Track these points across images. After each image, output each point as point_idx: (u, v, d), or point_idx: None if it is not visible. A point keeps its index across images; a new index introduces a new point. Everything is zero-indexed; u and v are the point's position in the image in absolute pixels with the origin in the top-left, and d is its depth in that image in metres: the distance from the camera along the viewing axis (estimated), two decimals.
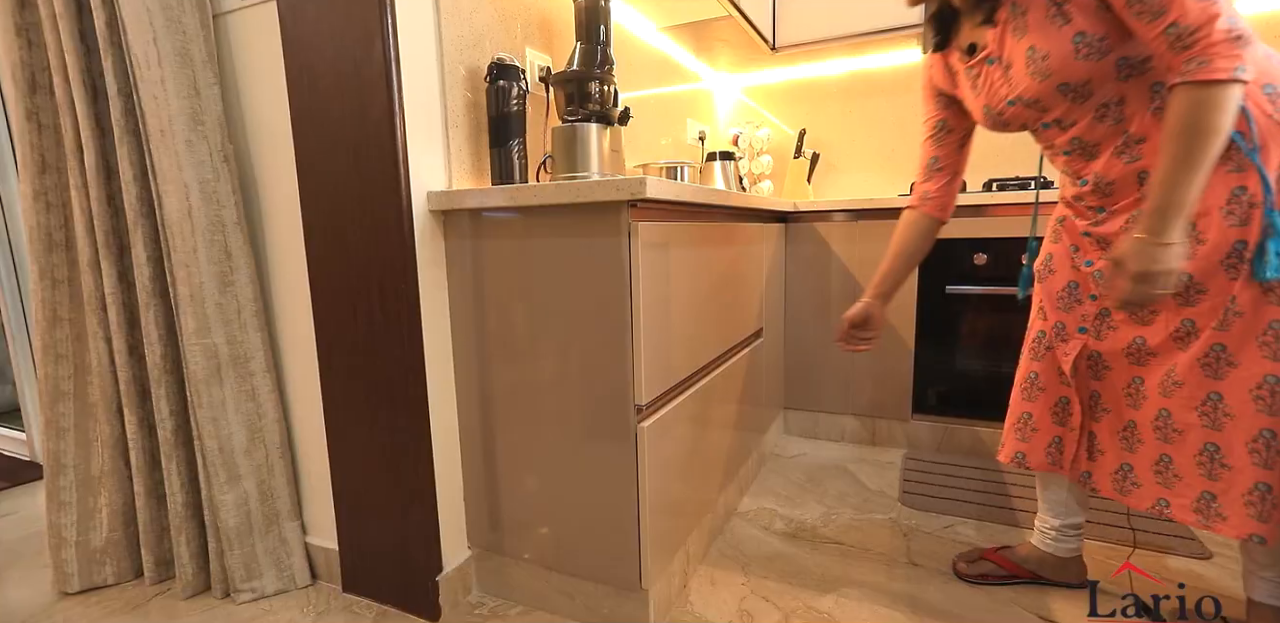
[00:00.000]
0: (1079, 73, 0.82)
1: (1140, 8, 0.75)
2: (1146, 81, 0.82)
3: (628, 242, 0.89)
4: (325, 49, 0.99)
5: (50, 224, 1.12)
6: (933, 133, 1.11)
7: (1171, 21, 0.74)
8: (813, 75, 2.28)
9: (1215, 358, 0.83)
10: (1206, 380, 0.85)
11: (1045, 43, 0.83)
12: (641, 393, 0.94)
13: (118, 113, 1.03)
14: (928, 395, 1.80)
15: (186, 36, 1.02)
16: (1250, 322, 0.81)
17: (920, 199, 1.13)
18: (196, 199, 1.04)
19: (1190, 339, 0.86)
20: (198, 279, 1.05)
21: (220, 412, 1.09)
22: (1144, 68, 0.82)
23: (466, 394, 1.09)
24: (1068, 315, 0.99)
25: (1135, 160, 0.86)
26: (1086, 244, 0.96)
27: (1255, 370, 0.81)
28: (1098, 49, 0.81)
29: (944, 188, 1.12)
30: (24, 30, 1.07)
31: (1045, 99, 0.87)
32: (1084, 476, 0.96)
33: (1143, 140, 0.84)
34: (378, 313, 1.04)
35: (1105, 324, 0.95)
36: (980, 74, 0.95)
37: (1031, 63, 0.85)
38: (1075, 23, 0.81)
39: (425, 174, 1.01)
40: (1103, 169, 0.89)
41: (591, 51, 1.18)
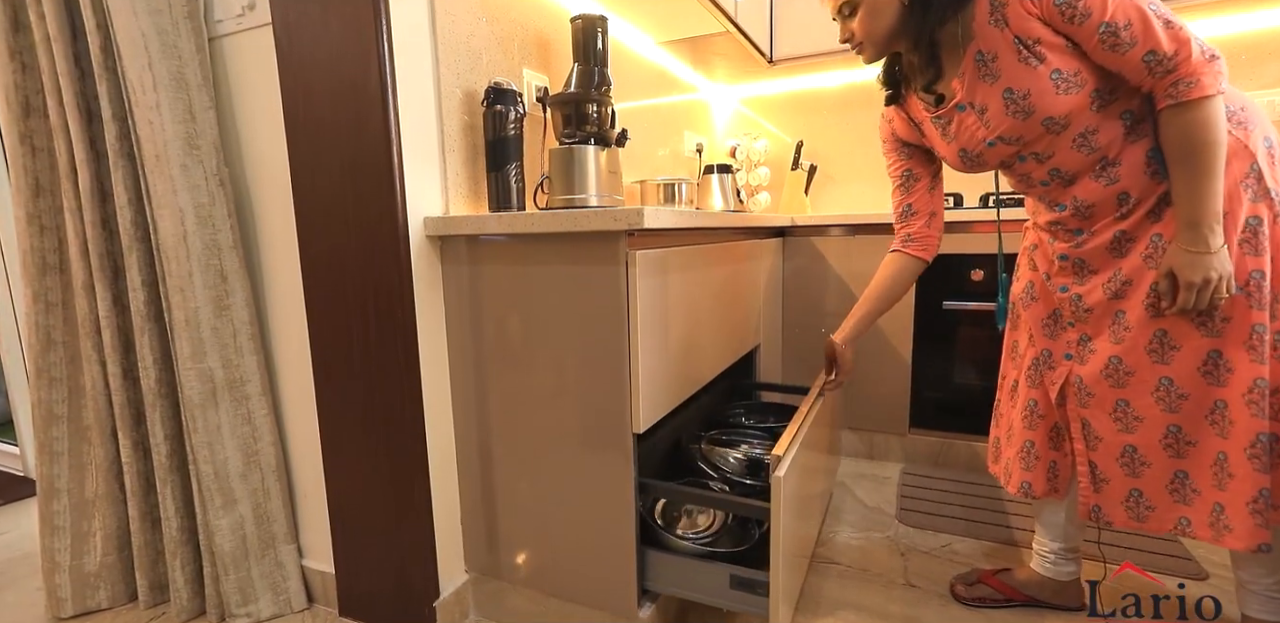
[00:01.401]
0: (1061, 107, 0.85)
1: (1114, 41, 0.80)
2: (1116, 111, 0.87)
3: (625, 270, 0.89)
4: (321, 73, 0.98)
5: (44, 247, 1.11)
6: (900, 182, 1.14)
7: (1149, 50, 0.79)
8: (810, 87, 2.28)
9: (1215, 365, 0.85)
10: (1211, 389, 0.86)
11: (1023, 83, 0.86)
12: (639, 421, 0.94)
13: (112, 137, 1.02)
14: (925, 410, 1.81)
15: (182, 60, 1.02)
16: (1237, 327, 0.84)
17: (903, 242, 1.16)
18: (191, 223, 1.03)
19: (1168, 351, 0.87)
20: (193, 303, 1.04)
21: (216, 436, 1.08)
22: (1112, 98, 0.86)
23: (463, 418, 1.08)
24: (1053, 343, 0.99)
25: (1114, 182, 0.89)
26: (1058, 270, 0.97)
27: (1246, 375, 0.83)
28: (1074, 83, 0.84)
29: (924, 229, 1.14)
30: (17, 53, 1.06)
31: (1027, 135, 0.90)
32: (1094, 510, 0.95)
33: (1118, 164, 0.88)
34: (374, 337, 1.03)
35: (1087, 349, 0.95)
36: (952, 121, 0.97)
37: (1011, 103, 0.88)
38: (1049, 61, 0.84)
39: (422, 199, 1.01)
40: (1082, 193, 0.92)
41: (588, 73, 1.18)
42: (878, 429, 1.87)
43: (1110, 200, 0.90)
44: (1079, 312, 0.95)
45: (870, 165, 2.26)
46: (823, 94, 2.27)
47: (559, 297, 0.95)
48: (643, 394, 0.93)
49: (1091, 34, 0.80)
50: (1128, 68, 0.81)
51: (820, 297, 1.85)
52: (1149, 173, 0.86)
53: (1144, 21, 0.79)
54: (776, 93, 2.34)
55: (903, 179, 1.13)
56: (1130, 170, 0.87)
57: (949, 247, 1.66)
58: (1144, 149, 0.86)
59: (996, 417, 1.14)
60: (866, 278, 1.77)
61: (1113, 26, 0.79)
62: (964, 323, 1.70)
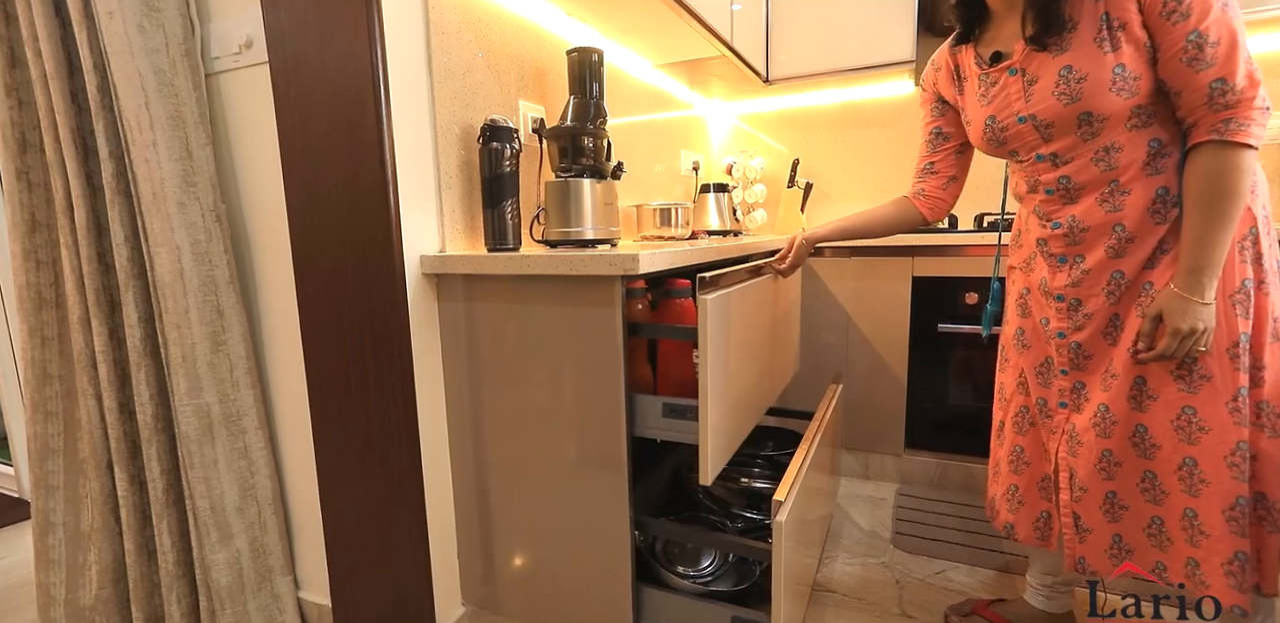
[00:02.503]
0: (1106, 105, 0.82)
1: (1196, 54, 0.77)
2: (1147, 135, 0.84)
3: (621, 312, 0.89)
4: (318, 112, 0.99)
5: (40, 282, 1.12)
6: (928, 138, 1.11)
7: (1222, 77, 0.76)
8: (806, 105, 2.29)
9: (1187, 421, 0.85)
10: (1181, 445, 0.86)
11: (1085, 65, 0.81)
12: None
13: (109, 174, 1.02)
14: (921, 431, 1.81)
15: (179, 99, 1.02)
16: (1216, 386, 0.83)
17: (915, 193, 1.14)
18: (189, 261, 1.03)
19: (1146, 400, 0.87)
20: (190, 340, 1.05)
21: (212, 471, 1.08)
22: (1149, 121, 0.83)
23: (460, 455, 1.08)
24: (1047, 391, 0.98)
25: (1116, 211, 0.86)
26: (1055, 312, 0.95)
27: (1229, 437, 0.82)
28: (1128, 88, 0.81)
29: (938, 190, 1.12)
30: (14, 90, 1.06)
31: (1058, 125, 0.86)
32: (1080, 562, 0.95)
33: (1128, 193, 0.85)
34: (371, 373, 1.04)
35: (1081, 396, 0.94)
36: (997, 83, 0.92)
37: (1063, 82, 0.83)
38: (1121, 53, 0.80)
39: (418, 236, 1.01)
40: (1081, 214, 0.89)
41: (584, 105, 1.19)
42: (874, 450, 1.88)
43: (1105, 229, 0.88)
44: (1078, 359, 0.93)
45: (866, 183, 2.27)
46: (819, 112, 2.28)
47: (555, 335, 0.96)
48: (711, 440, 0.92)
49: (1179, 39, 0.77)
50: (1190, 88, 0.78)
51: (817, 317, 1.86)
52: (1151, 212, 0.85)
53: (1231, 47, 0.76)
54: (773, 110, 2.35)
55: (932, 136, 1.10)
56: (1135, 203, 0.85)
57: (944, 270, 1.68)
58: (1155, 186, 0.84)
59: (991, 452, 1.14)
60: (864, 298, 1.80)
61: (1203, 38, 0.76)
62: (959, 346, 1.71)
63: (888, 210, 1.17)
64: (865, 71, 1.95)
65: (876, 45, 1.89)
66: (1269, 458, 0.83)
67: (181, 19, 1.02)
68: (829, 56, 1.98)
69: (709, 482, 0.91)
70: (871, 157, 2.24)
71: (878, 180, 2.25)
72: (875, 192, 2.25)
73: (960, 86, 1.01)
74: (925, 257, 1.70)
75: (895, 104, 2.16)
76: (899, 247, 1.72)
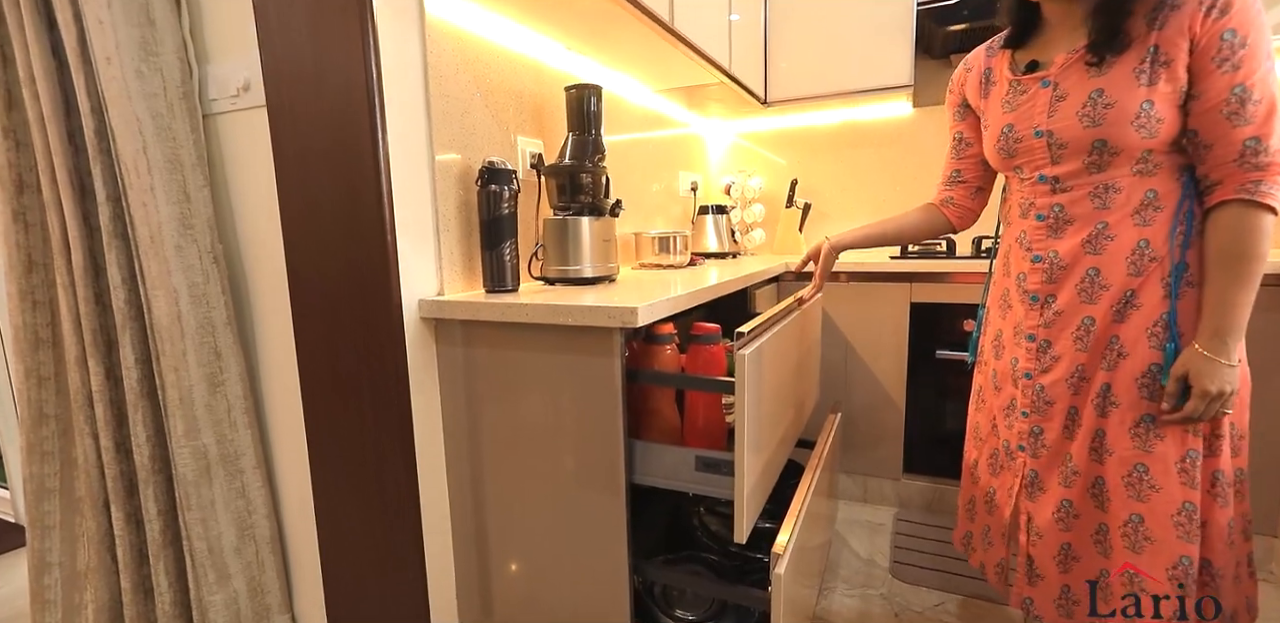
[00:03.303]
0: (1121, 138, 0.81)
1: (1237, 108, 0.76)
2: (1146, 185, 0.84)
3: (620, 361, 0.89)
4: (315, 155, 0.98)
5: (37, 323, 1.11)
6: (953, 143, 1.10)
7: (1256, 136, 0.76)
8: (804, 125, 2.29)
9: (1138, 479, 0.86)
10: (1129, 501, 0.87)
11: (1117, 92, 0.81)
12: None
13: (106, 218, 1.02)
14: (918, 456, 1.81)
15: (177, 142, 1.02)
16: (1169, 447, 0.84)
17: (943, 201, 1.13)
18: (186, 303, 1.03)
19: (1104, 454, 0.88)
20: (187, 382, 1.04)
21: (210, 512, 1.08)
22: (1154, 171, 0.83)
23: (459, 495, 1.08)
24: (1010, 433, 0.99)
25: (1096, 254, 0.87)
26: (1025, 352, 0.95)
27: (1176, 496, 0.84)
28: (1149, 127, 0.80)
29: (969, 198, 1.11)
30: (11, 131, 1.06)
31: (1071, 147, 0.86)
32: (1026, 601, 0.96)
33: (1112, 238, 0.86)
34: (369, 414, 1.03)
35: (1039, 442, 0.95)
36: (1026, 92, 0.91)
37: (1090, 104, 0.82)
38: (1155, 90, 0.79)
39: (416, 280, 1.01)
40: (1063, 251, 0.90)
41: (583, 143, 1.19)
42: (872, 474, 1.88)
43: (1080, 270, 0.88)
44: (1039, 403, 0.94)
45: (864, 203, 2.27)
46: (817, 131, 2.28)
47: (553, 382, 0.95)
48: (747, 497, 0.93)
49: (1224, 90, 0.77)
50: (1224, 142, 0.78)
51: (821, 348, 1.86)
52: (1128, 261, 0.85)
53: (1271, 109, 0.76)
54: (771, 129, 2.35)
55: (956, 142, 1.10)
56: (1116, 250, 0.86)
57: (942, 297, 1.68)
58: (1138, 237, 0.85)
59: (962, 488, 1.14)
60: (863, 323, 1.80)
61: (1247, 93, 0.76)
62: (955, 372, 1.71)
63: (916, 217, 1.15)
64: (863, 94, 1.96)
65: (874, 69, 1.90)
66: (1218, 527, 0.85)
67: (179, 62, 1.02)
68: (827, 79, 1.98)
69: (744, 540, 0.90)
70: (870, 176, 2.24)
71: (876, 200, 2.25)
72: (873, 211, 2.25)
73: (987, 91, 0.99)
74: (923, 283, 1.70)
75: (894, 124, 2.17)
76: (897, 273, 1.73)
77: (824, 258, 1.16)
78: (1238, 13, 0.75)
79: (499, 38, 1.17)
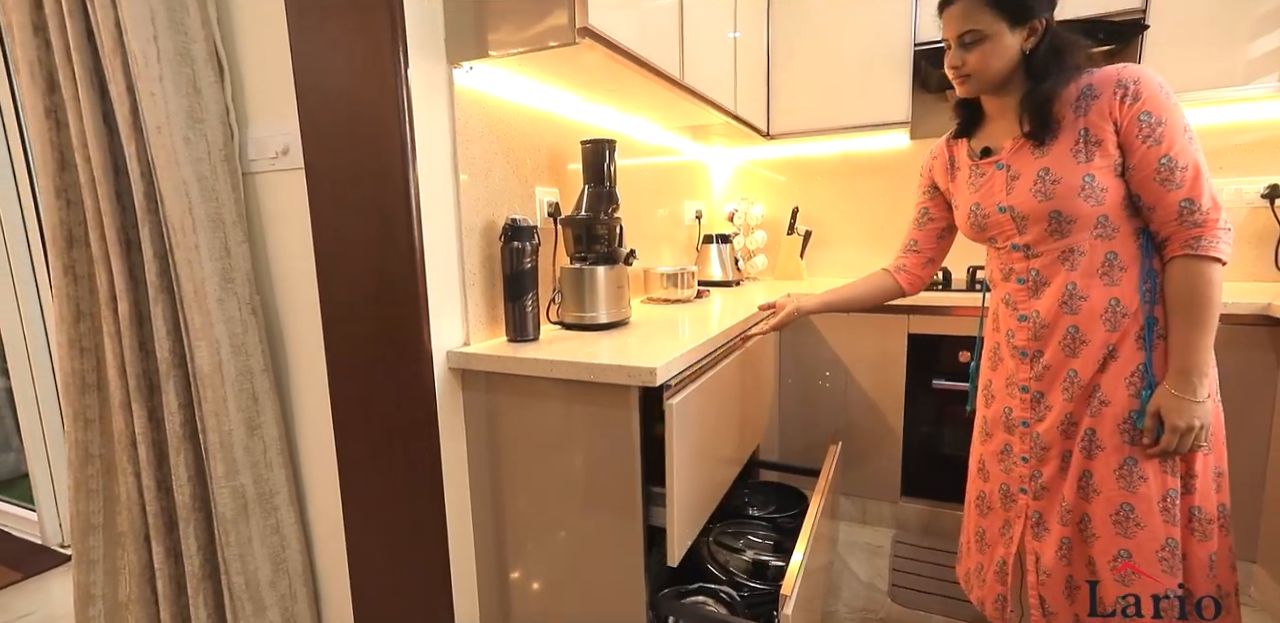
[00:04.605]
0: (1073, 208, 0.91)
1: (1167, 176, 0.87)
2: (1106, 248, 0.93)
3: (639, 415, 0.96)
4: (351, 215, 1.05)
5: (84, 368, 1.18)
6: (917, 217, 1.21)
7: (1189, 197, 0.86)
8: (806, 154, 2.36)
9: (1125, 517, 0.93)
10: (1117, 538, 0.94)
11: (1060, 170, 0.92)
12: (674, 553, 1.00)
13: (153, 273, 1.09)
14: (915, 479, 1.88)
15: (219, 202, 1.08)
16: (1152, 487, 0.92)
17: (897, 268, 1.23)
18: (227, 353, 1.10)
19: (1091, 493, 0.96)
20: (227, 426, 1.11)
21: (247, 549, 1.14)
22: (1112, 235, 0.92)
23: (483, 533, 1.15)
24: (1008, 477, 1.06)
25: (1072, 313, 0.96)
26: (1019, 402, 1.03)
27: (1158, 533, 0.91)
28: (1095, 197, 0.90)
29: (920, 267, 1.22)
30: (63, 191, 1.13)
31: (1032, 219, 0.95)
32: None
33: (1084, 298, 0.95)
34: (400, 456, 1.10)
35: (1038, 484, 1.02)
36: (985, 174, 1.02)
37: (1040, 182, 0.93)
38: (1093, 165, 0.90)
39: (445, 332, 1.08)
40: (1044, 311, 0.98)
41: (598, 194, 1.26)
42: (871, 496, 1.95)
43: (1061, 328, 0.97)
44: (1036, 449, 1.01)
45: (864, 230, 2.34)
46: (818, 161, 2.35)
47: (574, 431, 1.02)
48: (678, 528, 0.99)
49: (1152, 161, 0.87)
50: (1162, 204, 0.88)
51: (818, 365, 1.93)
52: (1103, 319, 0.94)
53: (1197, 174, 0.86)
54: (774, 158, 2.42)
55: (920, 216, 1.20)
56: (1090, 308, 0.94)
57: (938, 329, 1.75)
58: (1108, 296, 0.93)
59: (966, 523, 1.20)
60: (862, 352, 1.87)
61: (1173, 162, 0.86)
62: (951, 401, 1.78)
63: (870, 284, 1.26)
64: (862, 129, 2.03)
65: (873, 105, 1.97)
66: (1198, 559, 0.93)
67: (223, 126, 1.09)
68: (827, 114, 2.06)
69: (675, 563, 1.00)
70: (869, 204, 2.31)
71: (874, 228, 2.32)
72: (872, 239, 2.33)
73: (953, 175, 1.11)
74: (920, 315, 1.77)
75: (892, 155, 2.23)
76: (895, 305, 1.79)
77: (785, 315, 1.23)
78: (1148, 98, 0.86)
79: (520, 98, 1.24)
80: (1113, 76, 0.89)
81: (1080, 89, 0.91)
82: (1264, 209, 1.78)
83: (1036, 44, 0.93)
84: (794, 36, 2.04)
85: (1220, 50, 1.57)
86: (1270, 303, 1.38)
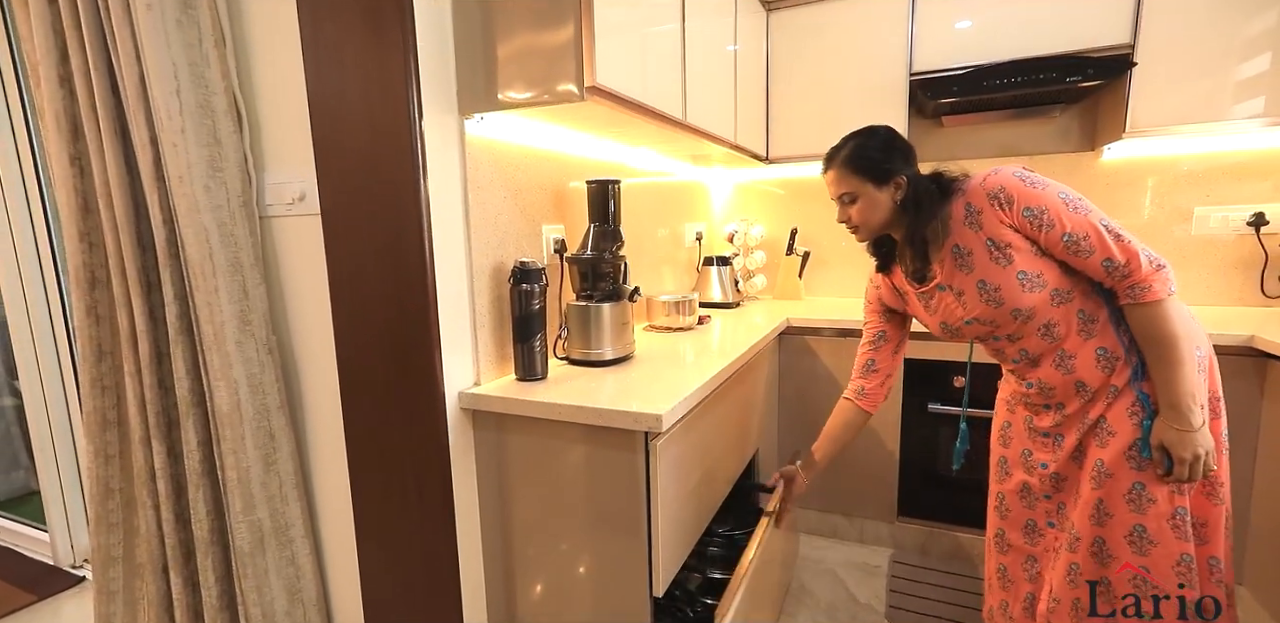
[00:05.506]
0: (1026, 302, 0.99)
1: (1076, 249, 0.95)
2: (1072, 309, 1.00)
3: (645, 458, 1.00)
4: (366, 260, 1.09)
5: (104, 405, 1.21)
6: (871, 339, 1.28)
7: (1105, 258, 0.94)
8: (805, 176, 2.40)
9: (1139, 536, 0.98)
10: (1135, 556, 0.98)
11: (994, 279, 1.00)
12: (659, 584, 1.04)
13: (173, 315, 1.12)
14: (912, 500, 1.92)
15: (238, 247, 1.12)
16: (1163, 506, 0.97)
17: (856, 394, 1.29)
18: (245, 392, 1.13)
19: (1104, 517, 1.00)
20: (245, 463, 1.14)
21: (264, 580, 1.18)
22: (1069, 298, 1.00)
23: (493, 566, 1.18)
24: (1033, 512, 1.11)
25: (1070, 372, 1.02)
26: (1039, 445, 1.09)
27: (1173, 549, 0.96)
28: (1037, 284, 0.98)
29: (877, 387, 1.28)
30: (86, 235, 1.17)
31: (999, 319, 1.03)
32: None
33: (1074, 355, 1.02)
34: (413, 491, 1.14)
35: (1063, 515, 1.07)
36: (934, 297, 1.10)
37: (984, 293, 1.02)
38: (1016, 264, 0.98)
39: (456, 372, 1.11)
40: (1045, 376, 1.05)
41: (603, 233, 1.30)
42: (868, 516, 1.99)
43: (1070, 387, 1.03)
44: (1057, 483, 1.07)
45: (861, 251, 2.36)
46: (817, 182, 2.38)
47: (581, 471, 1.06)
48: (661, 560, 1.04)
49: (1057, 241, 0.95)
50: (1090, 269, 0.96)
51: (814, 386, 1.97)
52: (1099, 367, 1.01)
53: (1098, 236, 0.94)
54: (773, 178, 2.47)
55: (875, 337, 1.27)
56: (1083, 364, 1.01)
57: (935, 354, 1.79)
58: (1094, 347, 1.00)
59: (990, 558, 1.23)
60: None
61: (1074, 237, 0.95)
62: (946, 424, 1.82)
63: (842, 423, 1.32)
64: None
65: None
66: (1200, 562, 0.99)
67: (241, 174, 1.12)
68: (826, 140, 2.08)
69: (660, 593, 1.04)
70: None
71: None
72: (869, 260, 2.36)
73: (905, 300, 1.19)
74: (915, 340, 1.81)
75: None
76: None
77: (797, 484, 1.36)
78: (1020, 197, 0.96)
79: (527, 140, 1.28)
80: (980, 192, 0.98)
81: (964, 208, 1.00)
82: (1249, 237, 1.83)
83: (905, 196, 1.05)
84: (792, 61, 2.08)
85: (1206, 84, 1.62)
86: (1253, 335, 1.42)
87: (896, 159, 1.06)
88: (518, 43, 1.03)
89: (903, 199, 1.05)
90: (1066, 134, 2.03)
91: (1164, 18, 1.62)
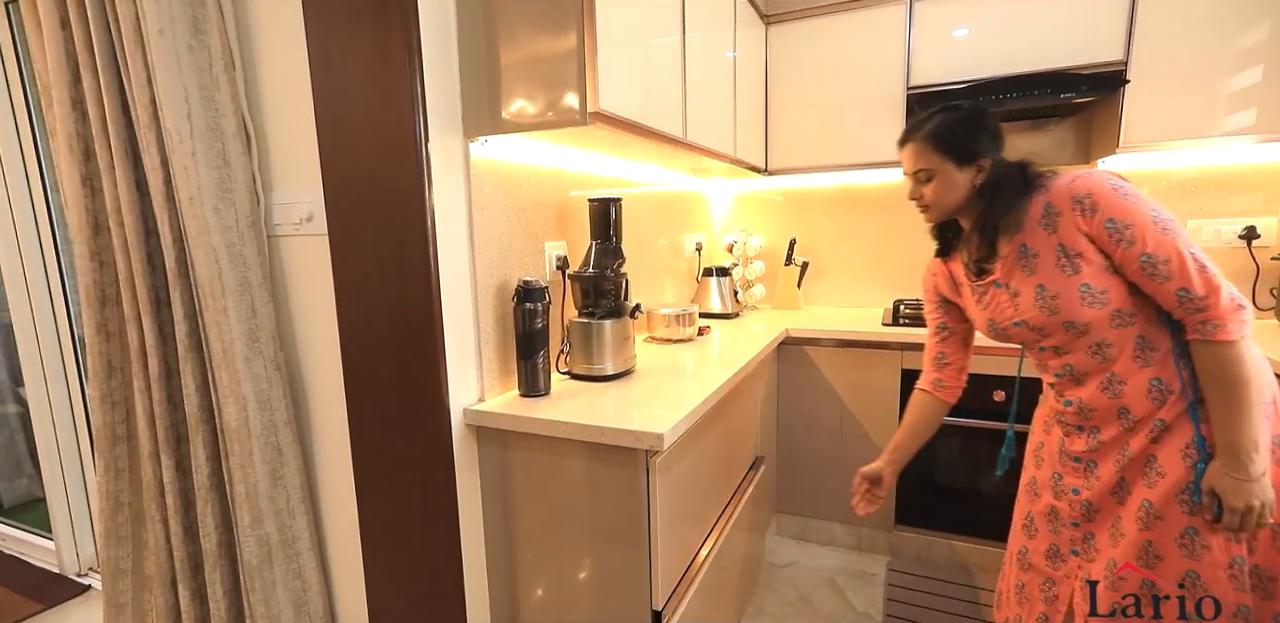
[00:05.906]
0: (1084, 316, 0.93)
1: (1152, 271, 0.88)
2: (1132, 333, 0.94)
3: (646, 476, 1.02)
4: (372, 280, 1.11)
5: (114, 421, 1.23)
6: (936, 332, 1.21)
7: (1182, 287, 0.87)
8: (804, 186, 2.43)
9: (1192, 583, 0.92)
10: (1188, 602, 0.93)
11: (1055, 285, 0.94)
12: (659, 597, 1.06)
13: (183, 333, 1.14)
14: (910, 509, 1.94)
15: (246, 266, 1.14)
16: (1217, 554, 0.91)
17: (933, 386, 1.23)
18: (253, 409, 1.15)
19: (1153, 560, 0.94)
20: (253, 478, 1.16)
21: (271, 593, 1.20)
22: (1131, 321, 0.93)
23: (497, 578, 1.20)
24: (1058, 538, 1.07)
25: (1117, 398, 0.96)
26: (1070, 470, 1.04)
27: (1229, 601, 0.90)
28: (1100, 300, 0.92)
29: (955, 378, 1.22)
30: (96, 254, 1.18)
31: (1048, 328, 0.98)
32: None
33: (1124, 382, 0.95)
34: (418, 506, 1.16)
35: (1091, 546, 1.02)
36: (987, 293, 1.05)
37: (1040, 299, 0.96)
38: (1083, 274, 0.92)
39: (462, 389, 1.13)
40: (1088, 397, 0.99)
41: (605, 250, 1.32)
42: (866, 524, 2.01)
43: (1111, 411, 0.97)
44: (1089, 513, 1.02)
45: (860, 261, 2.41)
46: (816, 193, 2.42)
47: (582, 487, 1.08)
48: (661, 573, 1.06)
49: (1133, 260, 0.88)
50: (1161, 295, 0.89)
51: (814, 397, 1.99)
52: (1149, 398, 0.94)
53: (1181, 262, 0.86)
54: (772, 188, 2.49)
55: (939, 331, 1.21)
56: (1133, 391, 0.95)
57: None
58: (1148, 377, 0.93)
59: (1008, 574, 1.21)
60: (857, 386, 1.93)
61: (1153, 259, 0.87)
62: (944, 434, 1.83)
63: (922, 416, 1.24)
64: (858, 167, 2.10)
65: (868, 144, 2.04)
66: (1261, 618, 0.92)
67: (249, 194, 1.14)
68: (824, 153, 2.12)
69: (661, 606, 1.06)
70: (865, 236, 2.38)
71: (870, 259, 2.39)
72: (868, 269, 2.39)
73: (959, 290, 1.14)
74: (913, 351, 1.84)
75: (888, 189, 2.30)
76: (888, 342, 1.86)
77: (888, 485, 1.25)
78: (1105, 206, 0.89)
79: (530, 159, 1.30)
80: (1065, 194, 0.92)
81: (1043, 207, 0.94)
82: (1241, 249, 1.85)
83: (985, 180, 0.99)
84: (791, 75, 2.11)
85: (1198, 99, 1.64)
86: None
87: (984, 139, 0.98)
88: (522, 67, 1.06)
89: (982, 183, 0.99)
90: (1062, 147, 2.06)
91: (1156, 35, 1.65)
